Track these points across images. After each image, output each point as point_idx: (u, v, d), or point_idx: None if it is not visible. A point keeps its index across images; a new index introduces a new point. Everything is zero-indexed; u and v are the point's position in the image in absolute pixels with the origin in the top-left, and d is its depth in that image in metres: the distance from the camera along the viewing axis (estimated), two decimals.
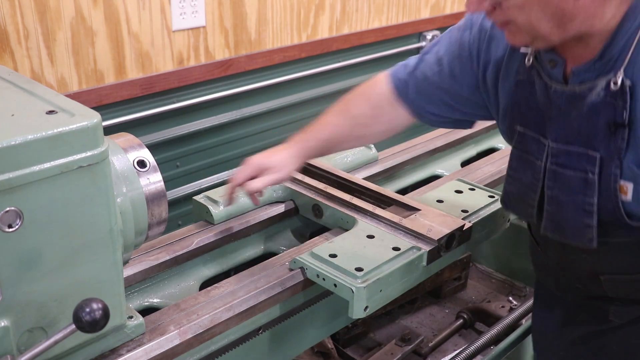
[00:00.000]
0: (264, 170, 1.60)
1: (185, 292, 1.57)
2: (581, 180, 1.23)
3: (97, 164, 1.03)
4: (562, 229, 1.30)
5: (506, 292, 2.98)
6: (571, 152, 1.24)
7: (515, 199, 1.41)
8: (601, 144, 1.19)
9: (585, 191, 1.23)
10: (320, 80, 3.00)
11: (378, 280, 1.41)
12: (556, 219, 1.30)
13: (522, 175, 1.35)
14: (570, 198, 1.26)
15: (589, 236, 1.26)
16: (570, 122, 1.24)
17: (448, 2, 3.48)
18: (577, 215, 1.25)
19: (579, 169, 1.23)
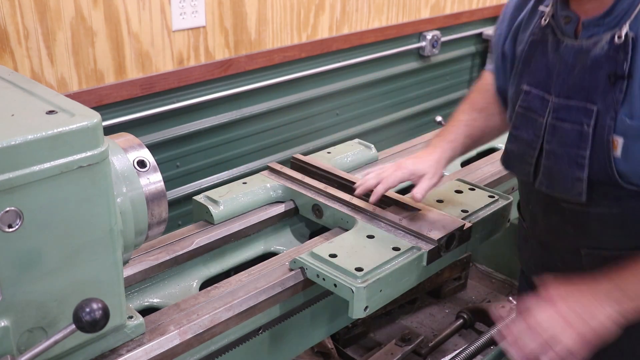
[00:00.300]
0: (419, 176, 1.62)
1: (185, 292, 1.57)
2: (577, 132, 1.27)
3: (97, 164, 1.03)
4: (555, 183, 1.34)
5: (506, 292, 2.98)
6: (571, 106, 1.29)
7: (515, 157, 1.45)
8: (600, 96, 1.24)
9: (579, 144, 1.27)
10: (320, 80, 3.00)
11: (378, 280, 1.41)
12: (551, 172, 1.35)
13: (524, 133, 1.40)
14: (565, 151, 1.30)
15: (579, 189, 1.29)
16: (574, 77, 1.29)
17: (448, 2, 3.48)
18: (570, 168, 1.30)
19: (576, 121, 1.28)
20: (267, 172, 1.93)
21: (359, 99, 3.25)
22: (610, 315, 1.20)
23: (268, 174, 1.91)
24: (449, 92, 3.81)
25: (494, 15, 3.82)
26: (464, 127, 1.66)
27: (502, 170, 2.10)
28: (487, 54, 3.88)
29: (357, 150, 2.11)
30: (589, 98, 1.26)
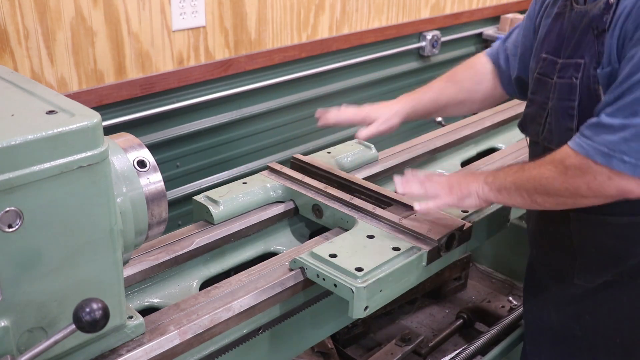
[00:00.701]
0: (372, 120, 1.80)
1: (185, 292, 1.57)
2: (567, 86, 1.41)
3: (97, 164, 1.03)
4: (553, 136, 1.47)
5: (506, 292, 2.98)
6: (568, 64, 1.42)
7: (530, 119, 1.56)
8: (588, 51, 1.37)
9: (569, 96, 1.40)
10: (320, 80, 3.00)
11: (378, 280, 1.41)
12: (551, 127, 1.47)
13: (539, 97, 1.52)
14: (560, 104, 1.43)
15: (569, 138, 1.36)
16: (575, 38, 1.41)
17: (448, 2, 3.48)
18: (563, 120, 1.43)
19: (568, 76, 1.41)
20: (267, 172, 1.93)
21: (359, 99, 3.25)
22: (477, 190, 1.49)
23: (268, 174, 1.91)
24: None
25: (493, 15, 3.83)
26: (432, 92, 1.84)
27: None
28: None
29: (357, 150, 2.11)
30: (579, 54, 1.39)
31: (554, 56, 1.48)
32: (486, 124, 2.45)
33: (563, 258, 1.58)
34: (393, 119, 1.80)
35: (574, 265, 1.55)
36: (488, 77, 1.82)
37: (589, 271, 1.53)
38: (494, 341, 2.25)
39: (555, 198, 1.38)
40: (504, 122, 2.51)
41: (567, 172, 1.32)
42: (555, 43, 1.49)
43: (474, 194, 1.50)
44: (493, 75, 1.82)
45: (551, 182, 1.36)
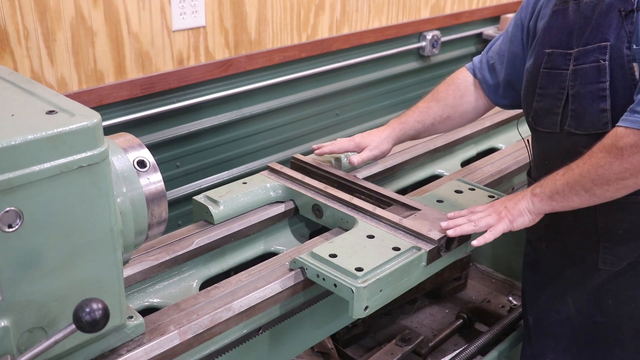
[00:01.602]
0: (363, 147, 1.89)
1: (185, 292, 1.57)
2: (595, 69, 1.43)
3: (97, 164, 1.03)
4: (583, 121, 1.48)
5: (506, 292, 2.98)
6: (588, 50, 1.45)
7: (544, 113, 1.58)
8: (613, 33, 1.41)
9: (598, 79, 1.43)
10: (320, 80, 3.00)
11: (378, 280, 1.41)
12: (577, 113, 1.48)
13: (550, 90, 1.54)
14: (587, 89, 1.45)
15: (605, 120, 1.43)
16: (591, 26, 1.45)
17: (448, 2, 3.48)
18: (594, 103, 1.44)
19: (593, 61, 1.44)
20: (267, 172, 1.93)
21: (359, 99, 3.25)
22: (527, 206, 1.50)
23: (268, 174, 1.91)
24: None
25: (493, 15, 3.83)
26: (418, 113, 1.90)
27: (502, 170, 2.11)
28: None
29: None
30: (602, 38, 1.43)
31: (563, 49, 1.51)
32: (486, 124, 2.45)
33: (585, 243, 1.59)
34: (383, 144, 1.89)
35: (597, 249, 1.56)
36: (470, 90, 1.87)
37: (615, 254, 1.55)
38: (494, 341, 2.25)
39: (616, 183, 1.37)
40: (504, 122, 2.51)
41: (624, 153, 1.33)
42: (560, 37, 1.52)
43: (524, 211, 1.50)
44: (475, 88, 1.86)
45: (608, 168, 1.36)
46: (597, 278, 1.60)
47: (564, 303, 1.70)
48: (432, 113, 1.87)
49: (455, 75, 1.92)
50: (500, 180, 2.08)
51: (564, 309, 1.70)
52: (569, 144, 1.52)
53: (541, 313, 1.79)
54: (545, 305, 1.77)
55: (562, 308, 1.70)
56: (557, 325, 1.74)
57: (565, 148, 1.53)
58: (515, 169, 2.14)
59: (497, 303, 2.80)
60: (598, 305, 1.62)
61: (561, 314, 1.71)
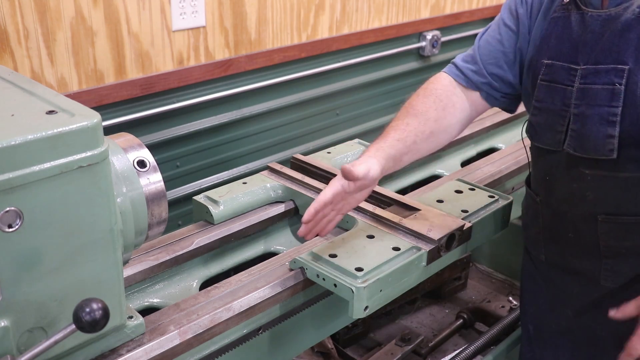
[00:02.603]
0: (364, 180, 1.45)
1: (185, 292, 1.57)
2: (608, 92, 1.35)
3: (97, 164, 1.03)
4: (585, 143, 1.40)
5: (506, 292, 2.98)
6: (599, 70, 1.37)
7: (543, 128, 1.50)
8: (631, 56, 1.32)
9: (610, 102, 1.35)
10: (320, 80, 3.00)
11: (378, 280, 1.41)
12: (580, 134, 1.41)
13: (550, 104, 1.46)
14: (595, 111, 1.37)
15: (610, 147, 1.36)
16: (602, 44, 1.37)
17: (448, 2, 3.48)
18: (601, 127, 1.37)
19: (606, 83, 1.36)
20: (267, 172, 1.93)
21: (359, 99, 3.25)
22: None
23: (268, 174, 1.91)
24: None
25: (493, 15, 3.81)
26: (395, 131, 1.55)
27: (502, 170, 2.11)
28: None
29: (357, 150, 2.11)
30: (618, 60, 1.34)
31: (567, 62, 1.42)
32: (486, 124, 2.45)
33: (586, 260, 1.54)
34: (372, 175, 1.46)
35: (599, 267, 1.52)
36: (454, 98, 1.63)
37: (617, 272, 1.51)
38: (494, 341, 2.25)
39: None
40: (504, 122, 2.51)
41: None
42: (561, 48, 1.44)
43: None
44: (462, 95, 1.65)
45: None
46: (598, 293, 1.56)
47: (564, 314, 1.66)
48: (412, 130, 1.55)
49: (430, 86, 1.66)
50: (500, 180, 2.08)
51: (563, 320, 1.67)
52: (570, 163, 1.46)
53: (540, 322, 1.75)
54: (544, 315, 1.73)
55: (561, 319, 1.67)
56: (556, 335, 1.71)
57: (566, 167, 1.48)
58: (515, 169, 2.14)
59: (497, 303, 2.80)
60: (599, 320, 1.57)
61: (561, 324, 1.68)
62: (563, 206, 1.54)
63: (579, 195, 1.48)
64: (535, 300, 1.76)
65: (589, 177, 1.44)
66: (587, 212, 1.48)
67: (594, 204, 1.46)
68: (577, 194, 1.48)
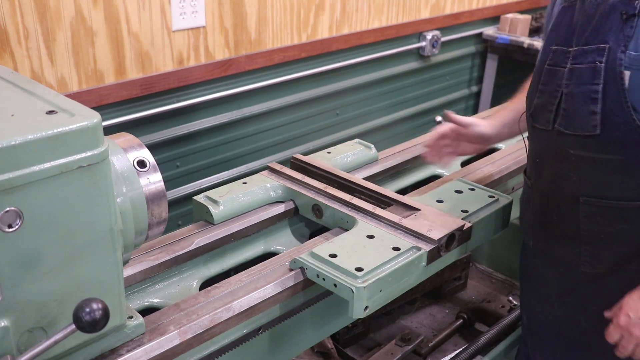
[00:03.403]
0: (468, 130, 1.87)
1: (185, 292, 1.57)
2: (590, 70, 1.42)
3: (97, 164, 1.03)
4: (572, 121, 1.47)
5: (506, 292, 2.98)
6: (587, 50, 1.44)
7: (540, 109, 1.57)
8: (612, 35, 1.40)
9: (593, 80, 1.42)
10: (320, 80, 3.00)
11: (378, 280, 1.41)
12: (568, 113, 1.48)
13: (549, 87, 1.54)
14: (581, 89, 1.44)
15: (593, 123, 1.42)
16: (592, 26, 1.44)
17: (448, 2, 3.48)
18: (585, 104, 1.43)
19: (590, 62, 1.43)
20: (267, 172, 1.93)
21: (359, 99, 3.25)
22: None
23: (268, 174, 1.91)
24: (449, 92, 3.81)
25: (493, 15, 3.83)
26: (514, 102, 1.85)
27: (502, 170, 2.11)
28: (487, 54, 3.89)
29: (357, 150, 2.11)
30: (602, 39, 1.41)
31: (564, 46, 1.51)
32: None
33: (568, 246, 1.58)
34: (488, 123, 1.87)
35: (579, 252, 1.56)
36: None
37: (596, 258, 1.54)
38: (494, 341, 2.25)
39: None
40: None
41: None
42: (564, 34, 1.52)
43: None
44: None
45: None
46: (579, 281, 1.59)
47: (550, 305, 1.69)
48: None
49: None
50: (500, 180, 2.08)
51: (549, 310, 1.70)
52: (559, 143, 1.52)
53: (531, 313, 1.79)
54: (533, 306, 1.77)
55: (548, 309, 1.70)
56: (544, 326, 1.74)
57: (555, 147, 1.54)
58: (515, 169, 2.14)
59: (497, 303, 2.79)
60: (583, 310, 1.61)
61: (547, 315, 1.71)
62: (549, 187, 1.59)
63: (563, 176, 1.53)
64: (527, 291, 1.80)
65: (573, 158, 1.49)
66: (570, 194, 1.52)
67: (577, 186, 1.51)
68: (562, 175, 1.53)
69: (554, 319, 1.70)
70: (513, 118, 1.82)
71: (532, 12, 3.97)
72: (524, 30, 3.77)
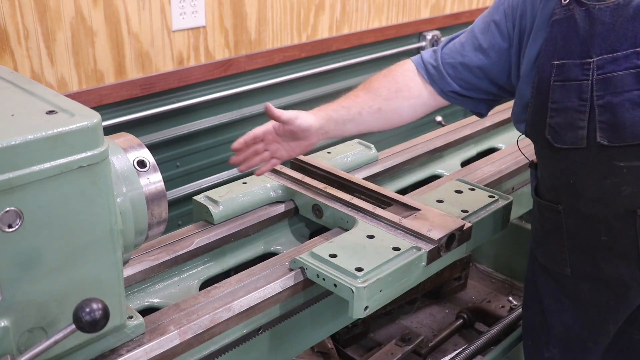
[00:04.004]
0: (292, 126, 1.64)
1: (185, 292, 1.57)
2: (633, 75, 1.33)
3: (97, 164, 1.03)
4: (620, 132, 1.36)
5: (506, 292, 2.98)
6: (617, 57, 1.35)
7: (563, 128, 1.44)
8: None
9: (637, 85, 1.33)
10: (320, 80, 3.00)
11: (378, 280, 1.41)
12: (612, 124, 1.37)
13: (568, 103, 1.42)
14: (624, 97, 1.35)
15: None
16: (616, 32, 1.36)
17: (448, 2, 3.48)
18: (634, 111, 1.34)
19: (629, 67, 1.34)
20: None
21: None
22: None
23: (268, 174, 1.91)
24: None
25: None
26: (344, 99, 1.71)
27: (502, 170, 2.11)
28: None
29: (357, 150, 2.11)
30: (636, 44, 1.33)
31: (578, 59, 1.41)
32: (486, 124, 2.45)
33: (623, 265, 1.50)
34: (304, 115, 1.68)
35: (638, 272, 1.49)
36: (411, 84, 1.68)
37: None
38: (494, 341, 2.25)
39: None
40: (504, 122, 2.51)
41: None
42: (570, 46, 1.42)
43: None
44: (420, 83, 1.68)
45: None
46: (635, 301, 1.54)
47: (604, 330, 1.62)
48: (360, 102, 1.67)
49: (395, 68, 1.72)
50: (500, 180, 2.08)
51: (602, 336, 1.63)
52: (602, 158, 1.41)
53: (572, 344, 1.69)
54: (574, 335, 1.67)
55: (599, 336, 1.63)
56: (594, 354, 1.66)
57: (596, 163, 1.42)
58: (515, 169, 2.14)
59: (497, 303, 2.80)
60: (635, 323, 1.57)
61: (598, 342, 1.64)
62: (594, 208, 1.48)
63: (612, 192, 1.43)
64: (562, 320, 1.67)
65: (625, 170, 1.39)
66: (623, 209, 1.43)
67: (631, 199, 1.41)
68: (610, 191, 1.43)
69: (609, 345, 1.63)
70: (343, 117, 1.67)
71: None
72: None
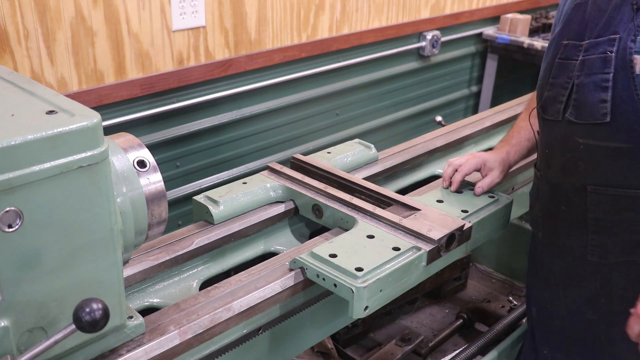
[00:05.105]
0: (488, 169, 1.83)
1: (185, 292, 1.57)
2: (601, 60, 1.47)
3: (97, 164, 1.03)
4: (582, 110, 1.50)
5: (506, 292, 2.98)
6: (599, 42, 1.48)
7: (551, 101, 1.60)
8: (623, 26, 1.44)
9: (603, 70, 1.46)
10: (320, 80, 3.00)
11: (378, 280, 1.41)
12: (579, 103, 1.51)
13: (560, 79, 1.57)
14: (592, 79, 1.48)
15: (603, 111, 1.45)
16: (605, 19, 1.48)
17: (448, 2, 3.48)
18: (595, 93, 1.47)
19: (601, 52, 1.47)
20: (267, 172, 1.93)
21: (359, 99, 3.25)
22: None
23: (268, 174, 1.91)
24: (449, 92, 3.81)
25: (494, 15, 3.83)
26: (525, 131, 1.84)
27: None
28: (487, 54, 3.89)
29: (357, 150, 2.11)
30: (613, 31, 1.46)
31: (576, 40, 1.54)
32: (486, 124, 2.45)
33: (575, 235, 1.60)
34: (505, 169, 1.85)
35: (586, 241, 1.57)
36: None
37: (603, 247, 1.56)
38: (494, 341, 2.25)
39: None
40: (504, 122, 2.51)
41: None
42: (576, 29, 1.55)
43: None
44: None
45: None
46: (586, 272, 1.61)
47: (557, 296, 1.71)
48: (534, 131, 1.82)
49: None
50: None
51: (557, 302, 1.71)
52: (568, 133, 1.55)
53: (539, 305, 1.81)
54: (542, 298, 1.78)
55: (555, 301, 1.72)
56: (551, 318, 1.75)
57: (563, 137, 1.56)
58: (515, 169, 2.13)
59: (497, 303, 2.79)
60: (590, 303, 1.63)
61: (555, 307, 1.72)
62: (558, 177, 1.61)
63: (572, 165, 1.56)
64: (535, 282, 1.81)
65: (582, 147, 1.52)
66: (578, 183, 1.55)
67: (585, 175, 1.53)
68: (570, 164, 1.56)
69: (561, 311, 1.71)
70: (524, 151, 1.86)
71: (532, 12, 3.97)
72: (524, 30, 3.77)
